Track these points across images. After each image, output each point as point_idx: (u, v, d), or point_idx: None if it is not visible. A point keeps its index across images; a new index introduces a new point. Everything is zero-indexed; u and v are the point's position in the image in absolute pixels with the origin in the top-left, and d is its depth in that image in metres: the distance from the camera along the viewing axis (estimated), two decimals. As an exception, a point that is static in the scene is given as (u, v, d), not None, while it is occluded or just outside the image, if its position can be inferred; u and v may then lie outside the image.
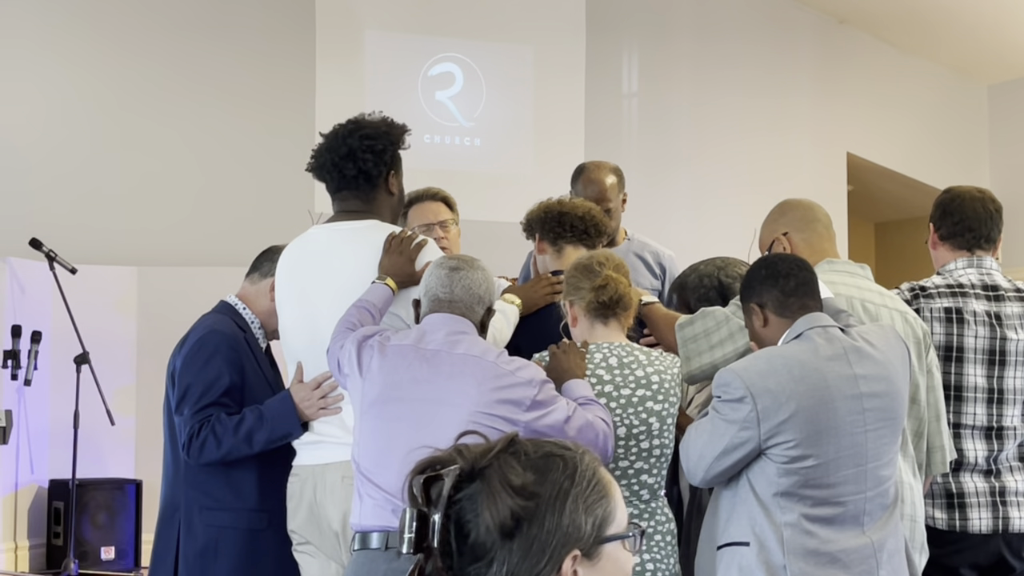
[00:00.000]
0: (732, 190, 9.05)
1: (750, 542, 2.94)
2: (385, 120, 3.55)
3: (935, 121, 10.22)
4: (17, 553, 6.58)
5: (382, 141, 3.48)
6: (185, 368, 3.58)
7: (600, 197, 4.39)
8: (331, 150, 3.49)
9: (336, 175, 3.49)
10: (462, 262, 3.21)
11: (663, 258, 4.63)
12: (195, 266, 7.29)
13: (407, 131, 3.57)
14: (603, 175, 4.49)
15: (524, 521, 1.58)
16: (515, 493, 1.57)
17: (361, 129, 3.49)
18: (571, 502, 1.60)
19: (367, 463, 3.08)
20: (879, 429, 2.99)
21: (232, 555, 3.57)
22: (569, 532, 1.59)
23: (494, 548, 1.58)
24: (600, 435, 3.04)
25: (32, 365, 6.38)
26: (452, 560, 1.59)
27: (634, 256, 4.56)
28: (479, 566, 1.58)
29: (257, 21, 8.01)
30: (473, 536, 1.58)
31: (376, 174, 3.48)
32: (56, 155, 7.45)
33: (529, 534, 1.58)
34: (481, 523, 1.57)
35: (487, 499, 1.57)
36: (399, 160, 3.55)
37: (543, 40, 8.60)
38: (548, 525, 1.58)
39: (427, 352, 3.07)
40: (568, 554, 1.59)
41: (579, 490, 1.61)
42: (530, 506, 1.58)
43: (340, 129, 3.51)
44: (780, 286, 3.07)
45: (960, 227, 3.82)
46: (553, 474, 1.61)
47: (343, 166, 3.46)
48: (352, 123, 3.52)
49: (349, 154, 3.46)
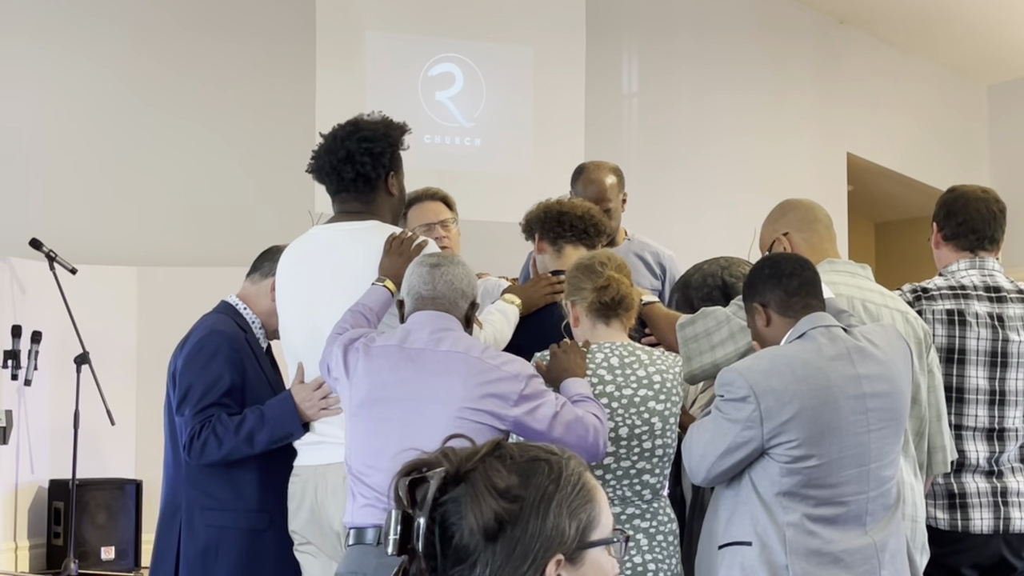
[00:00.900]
0: (732, 190, 9.05)
1: (752, 542, 2.94)
2: (384, 121, 3.54)
3: (935, 121, 10.22)
4: (17, 553, 6.58)
5: (380, 144, 3.47)
6: (186, 368, 3.58)
7: (600, 197, 4.39)
8: (330, 152, 3.48)
9: (335, 178, 3.48)
10: (442, 258, 3.23)
11: (663, 258, 4.64)
12: (195, 266, 7.29)
13: (407, 130, 3.56)
14: (603, 175, 4.50)
15: (508, 524, 1.58)
16: (499, 496, 1.58)
17: (359, 131, 3.47)
18: (555, 506, 1.60)
19: (358, 464, 3.09)
20: (882, 429, 2.99)
21: (233, 555, 3.56)
22: (552, 536, 1.60)
23: (477, 550, 1.58)
24: (590, 431, 3.03)
25: (32, 365, 6.38)
26: (436, 562, 1.59)
27: (634, 256, 4.56)
28: (462, 568, 1.59)
29: (257, 21, 8.01)
30: (457, 538, 1.59)
31: (375, 177, 3.47)
32: (56, 155, 7.45)
33: (512, 537, 1.58)
34: (465, 525, 1.58)
35: (471, 502, 1.58)
36: (399, 161, 3.54)
37: (543, 40, 8.60)
38: (532, 528, 1.59)
39: (412, 351, 3.08)
40: (552, 558, 1.59)
41: (563, 494, 1.61)
42: (514, 509, 1.58)
43: (339, 131, 3.50)
44: (783, 286, 3.07)
45: (964, 228, 3.81)
46: (538, 478, 1.61)
47: (341, 169, 3.46)
48: (351, 124, 3.50)
49: (347, 157, 3.45)
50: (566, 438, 2.97)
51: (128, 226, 7.56)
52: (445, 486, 1.59)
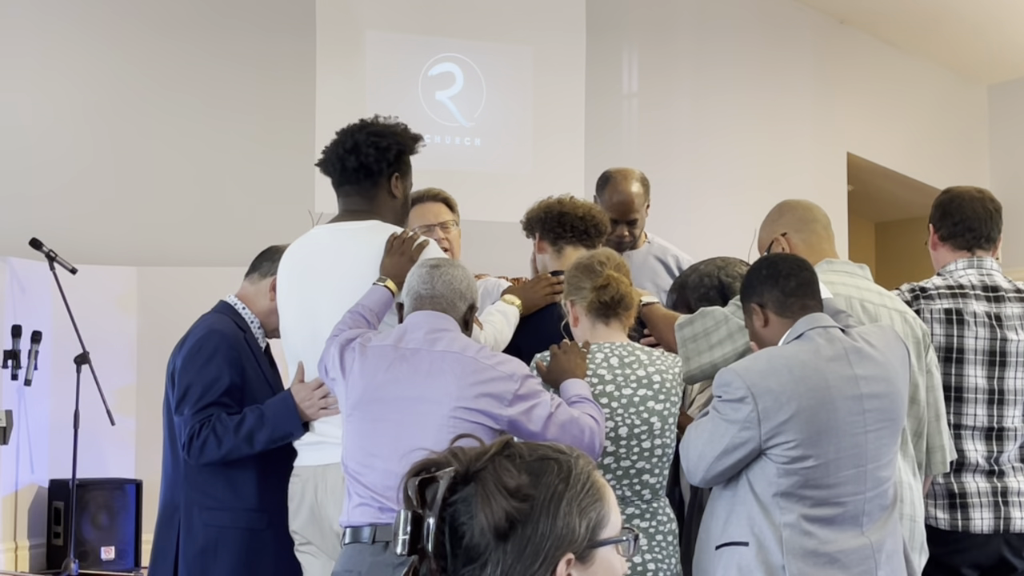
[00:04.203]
0: (732, 190, 9.05)
1: (749, 542, 2.94)
2: (399, 124, 3.58)
3: (935, 121, 10.22)
4: (17, 553, 6.58)
5: (388, 139, 3.50)
6: (185, 368, 3.59)
7: (628, 209, 4.40)
8: (338, 143, 3.53)
9: (338, 167, 3.50)
10: (442, 261, 3.25)
11: (682, 262, 4.65)
12: (195, 266, 7.29)
13: (420, 140, 3.58)
14: (630, 185, 4.48)
15: (518, 523, 1.58)
16: (510, 495, 1.58)
17: (370, 127, 3.52)
18: (565, 505, 1.61)
19: (353, 464, 3.10)
20: (879, 430, 2.99)
21: (232, 555, 3.57)
22: (563, 535, 1.60)
23: (488, 550, 1.59)
24: (586, 431, 3.03)
25: (32, 365, 6.38)
26: (446, 562, 1.60)
27: (654, 259, 4.57)
28: (473, 568, 1.59)
29: (257, 21, 8.01)
30: (467, 538, 1.59)
31: (377, 170, 3.48)
32: (56, 155, 7.45)
33: (523, 536, 1.59)
34: (475, 525, 1.58)
35: (482, 501, 1.58)
36: (406, 166, 3.55)
37: (543, 40, 8.60)
38: (542, 527, 1.59)
39: (407, 351, 3.08)
40: (562, 557, 1.59)
41: (573, 493, 1.62)
42: (524, 508, 1.59)
43: (351, 126, 3.55)
44: (781, 286, 3.07)
45: (960, 227, 3.81)
46: (547, 477, 1.62)
47: (345, 158, 3.48)
48: (363, 122, 3.55)
49: (353, 147, 3.48)
50: (561, 439, 2.96)
51: (128, 226, 7.56)
52: (455, 486, 1.59)
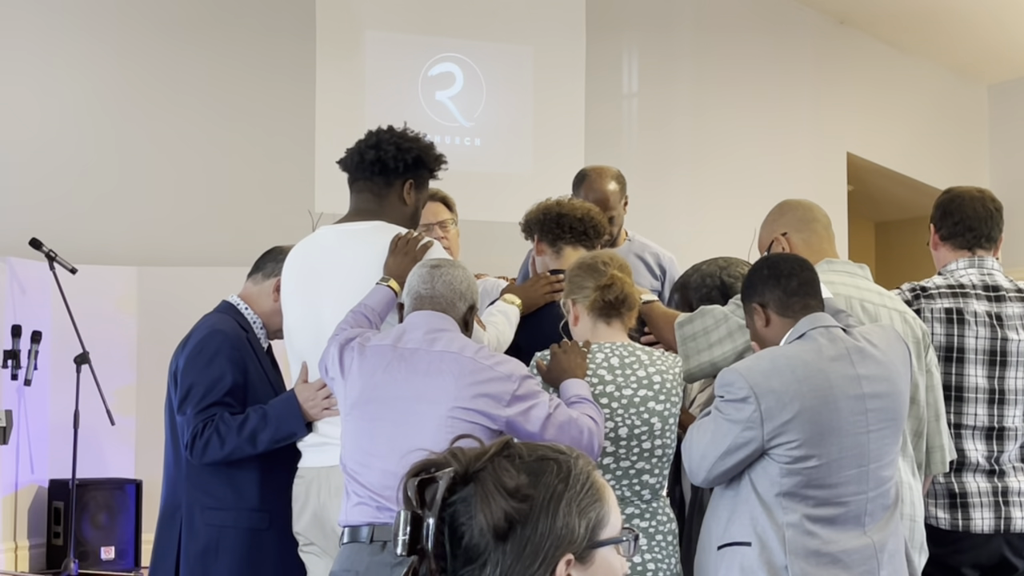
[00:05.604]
0: (732, 190, 9.05)
1: (752, 542, 2.94)
2: (426, 138, 3.63)
3: (935, 121, 10.22)
4: (17, 553, 6.58)
5: (410, 143, 3.55)
6: (188, 367, 3.58)
7: (603, 206, 4.40)
8: (362, 141, 3.58)
9: (357, 159, 3.55)
10: (443, 262, 3.26)
11: (663, 259, 4.64)
12: (195, 266, 7.29)
13: (443, 160, 3.62)
14: (605, 183, 4.49)
15: (518, 523, 1.58)
16: (509, 495, 1.58)
17: (397, 131, 3.59)
18: (564, 505, 1.61)
19: (351, 464, 3.10)
20: (881, 430, 2.99)
21: (233, 555, 3.56)
22: (562, 535, 1.60)
23: (487, 550, 1.58)
24: (585, 432, 3.02)
25: (32, 365, 6.38)
26: (446, 562, 1.59)
27: (634, 257, 4.56)
28: (472, 568, 1.59)
29: (257, 21, 8.01)
30: (467, 538, 1.59)
31: (393, 167, 3.51)
32: (56, 155, 7.45)
33: (523, 536, 1.58)
34: (475, 525, 1.58)
35: (481, 501, 1.58)
36: (423, 178, 3.59)
37: (543, 40, 8.60)
38: (541, 528, 1.59)
39: (405, 351, 3.09)
40: (562, 557, 1.59)
41: (572, 493, 1.62)
42: (524, 508, 1.59)
43: (379, 128, 3.61)
44: (782, 286, 3.07)
45: (960, 227, 3.81)
46: (547, 477, 1.62)
47: (365, 151, 3.54)
48: (391, 127, 3.61)
49: (376, 143, 3.54)
50: (559, 440, 2.95)
51: (128, 226, 7.56)
52: (454, 486, 1.59)
